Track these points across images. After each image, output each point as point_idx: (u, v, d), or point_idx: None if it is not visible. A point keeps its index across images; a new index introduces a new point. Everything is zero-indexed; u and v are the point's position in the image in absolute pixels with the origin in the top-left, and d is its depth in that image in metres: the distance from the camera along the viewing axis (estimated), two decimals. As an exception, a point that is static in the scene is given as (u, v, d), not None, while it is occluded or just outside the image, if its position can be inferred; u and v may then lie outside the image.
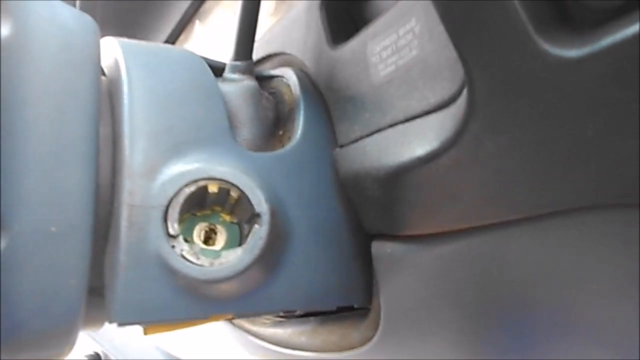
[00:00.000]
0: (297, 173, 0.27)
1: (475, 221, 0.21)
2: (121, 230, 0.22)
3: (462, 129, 0.18)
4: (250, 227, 0.24)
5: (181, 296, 0.22)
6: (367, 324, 0.31)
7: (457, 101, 0.19)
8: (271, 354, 0.40)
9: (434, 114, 0.20)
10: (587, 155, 0.15)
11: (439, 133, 0.20)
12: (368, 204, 0.26)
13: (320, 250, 0.27)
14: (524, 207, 0.19)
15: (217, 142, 0.25)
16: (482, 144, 0.18)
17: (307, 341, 0.36)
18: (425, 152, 0.20)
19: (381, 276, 0.27)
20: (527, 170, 0.17)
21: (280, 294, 0.25)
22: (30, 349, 0.20)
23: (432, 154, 0.20)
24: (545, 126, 0.16)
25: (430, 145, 0.20)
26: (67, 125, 0.21)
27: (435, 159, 0.20)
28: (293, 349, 0.37)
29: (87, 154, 0.21)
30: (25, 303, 0.19)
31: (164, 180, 0.23)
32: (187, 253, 0.22)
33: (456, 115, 0.19)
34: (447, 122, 0.19)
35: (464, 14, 0.16)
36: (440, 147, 0.20)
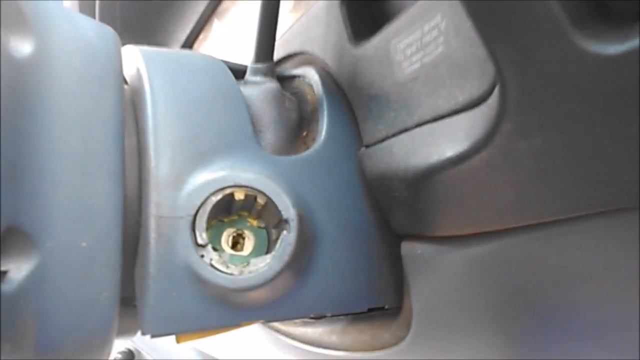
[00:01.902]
0: (323, 175, 0.26)
1: (507, 223, 0.20)
2: (150, 242, 0.22)
3: (494, 129, 0.18)
4: (279, 233, 0.24)
5: (212, 305, 0.22)
6: (399, 324, 0.30)
7: (488, 100, 0.18)
8: (302, 353, 0.40)
9: (463, 114, 0.20)
10: (628, 155, 0.15)
11: (469, 133, 0.19)
12: (396, 205, 0.25)
13: (348, 252, 0.26)
14: (559, 208, 0.18)
15: (241, 148, 0.24)
16: (515, 145, 0.17)
17: (338, 340, 0.36)
18: (455, 153, 0.20)
19: (412, 277, 0.27)
20: (563, 171, 0.17)
21: (310, 299, 0.25)
22: None
23: (463, 155, 0.19)
24: (584, 126, 0.15)
25: (460, 146, 0.19)
26: (93, 140, 0.21)
27: (466, 160, 0.19)
28: (324, 348, 0.37)
29: (114, 167, 0.21)
30: (59, 318, 0.20)
31: (191, 190, 0.22)
32: (217, 262, 0.22)
33: (487, 115, 0.18)
34: (478, 122, 0.19)
35: (495, 12, 0.15)
36: (470, 148, 0.19)
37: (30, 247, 0.19)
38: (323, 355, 0.37)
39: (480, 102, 0.19)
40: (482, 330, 0.26)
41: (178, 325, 0.22)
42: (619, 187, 0.16)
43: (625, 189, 0.15)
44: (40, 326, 0.19)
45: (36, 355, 0.19)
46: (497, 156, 0.18)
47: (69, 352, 0.20)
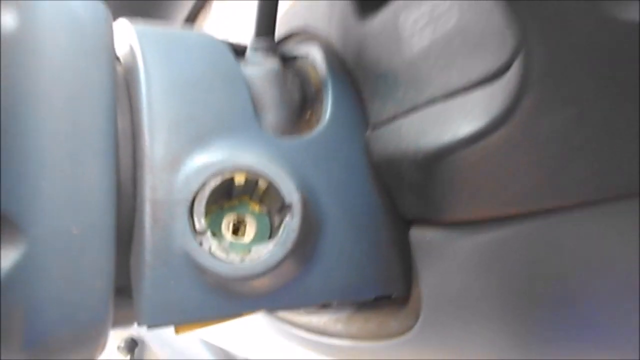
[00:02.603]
0: (327, 158, 0.25)
1: (525, 207, 0.19)
2: (145, 228, 0.20)
3: (514, 105, 0.16)
4: (281, 218, 0.23)
5: (211, 295, 0.21)
6: (407, 313, 0.29)
7: (507, 73, 0.17)
8: (306, 341, 0.39)
9: (479, 89, 0.18)
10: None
11: (485, 110, 0.18)
12: (405, 188, 0.24)
13: (355, 238, 0.25)
14: (584, 191, 0.17)
15: (242, 130, 0.23)
16: (538, 121, 0.16)
17: (343, 329, 0.35)
18: (470, 132, 0.18)
19: (421, 264, 0.26)
20: (590, 149, 0.15)
21: (315, 287, 0.24)
22: (59, 355, 0.19)
23: (479, 133, 0.18)
24: (614, 99, 0.14)
25: (476, 125, 0.18)
26: (83, 120, 0.19)
27: (482, 139, 0.18)
28: (329, 336, 0.36)
29: (106, 148, 0.20)
30: (50, 309, 0.18)
31: (188, 173, 0.21)
32: (216, 249, 0.21)
33: (506, 90, 0.17)
34: (496, 97, 0.17)
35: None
36: (487, 126, 0.18)
37: (17, 234, 0.18)
38: (328, 344, 0.36)
39: (498, 76, 0.17)
40: (494, 320, 0.25)
41: (176, 315, 0.21)
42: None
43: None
44: (29, 319, 0.18)
45: (25, 350, 0.18)
46: (517, 134, 0.17)
47: (61, 346, 0.19)
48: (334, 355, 0.38)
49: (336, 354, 0.38)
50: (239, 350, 0.64)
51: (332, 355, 0.38)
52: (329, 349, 0.37)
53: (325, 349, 0.38)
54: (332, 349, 0.37)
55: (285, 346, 0.43)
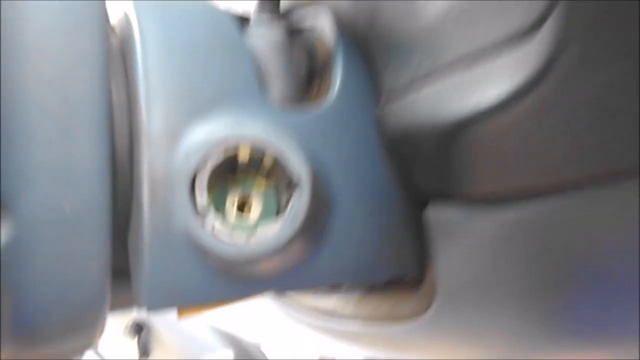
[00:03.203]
0: (337, 132, 0.23)
1: (558, 179, 0.17)
2: (143, 205, 0.19)
3: (549, 65, 0.15)
4: (289, 196, 0.21)
5: (215, 277, 0.20)
6: (421, 295, 0.28)
7: (541, 29, 0.15)
8: (315, 324, 0.38)
9: (507, 50, 0.17)
10: None
11: (515, 73, 0.16)
12: (421, 164, 0.22)
13: (367, 217, 0.24)
14: (628, 160, 0.15)
15: (245, 101, 0.21)
16: (575, 83, 0.14)
17: (354, 311, 0.34)
18: (497, 99, 0.17)
19: (437, 244, 0.24)
20: (635, 113, 0.14)
21: (325, 268, 0.22)
22: (53, 341, 0.18)
23: (507, 100, 0.16)
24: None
25: (503, 90, 0.16)
26: (73, 90, 0.18)
27: (511, 106, 0.16)
28: (338, 319, 0.35)
29: (98, 121, 0.18)
30: (42, 294, 0.17)
31: (188, 147, 0.20)
32: (219, 230, 0.20)
33: (540, 49, 0.15)
34: (527, 58, 0.15)
35: None
36: (517, 90, 0.16)
37: (4, 214, 0.16)
38: (337, 327, 0.35)
39: (529, 32, 0.16)
40: (517, 304, 0.23)
41: (177, 298, 0.19)
42: None
43: None
44: (19, 304, 0.17)
45: (16, 335, 0.17)
46: (551, 98, 0.15)
47: (55, 331, 0.18)
48: (343, 339, 0.37)
49: (346, 338, 0.37)
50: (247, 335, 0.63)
51: (342, 338, 0.37)
52: (338, 333, 0.36)
53: (335, 333, 0.37)
54: (341, 332, 0.36)
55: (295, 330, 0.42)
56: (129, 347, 1.11)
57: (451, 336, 0.29)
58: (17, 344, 0.18)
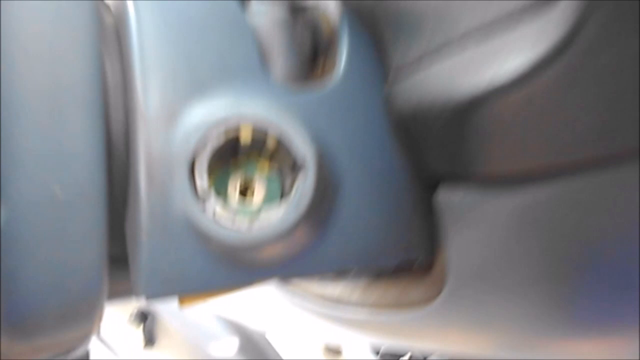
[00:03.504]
0: (343, 112, 0.22)
1: (580, 158, 0.16)
2: (140, 190, 0.18)
3: (571, 36, 0.14)
4: (293, 178, 0.20)
5: (217, 264, 0.19)
6: (431, 281, 0.27)
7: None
8: (320, 311, 0.37)
9: (525, 20, 0.16)
10: None
11: (535, 45, 0.15)
12: (432, 144, 0.21)
13: (375, 201, 0.23)
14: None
15: (247, 80, 0.20)
16: (601, 54, 0.13)
17: (360, 298, 0.33)
18: (514, 73, 0.16)
19: (449, 228, 0.23)
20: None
21: (331, 254, 0.21)
22: (49, 332, 0.17)
23: (526, 74, 0.15)
24: None
25: (522, 63, 0.15)
26: (63, 68, 0.17)
27: (530, 80, 0.15)
28: (344, 306, 0.34)
29: (91, 100, 0.17)
30: (36, 282, 0.16)
31: (187, 127, 0.19)
32: (221, 214, 0.19)
33: (561, 18, 0.14)
34: (547, 29, 0.14)
35: None
36: (537, 63, 0.15)
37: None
38: (343, 314, 0.34)
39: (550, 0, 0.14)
40: (531, 289, 0.22)
41: (176, 286, 0.18)
42: None
43: None
44: (11, 292, 0.16)
45: (8, 326, 0.16)
46: (575, 70, 0.14)
47: (49, 322, 0.17)
48: (349, 327, 0.37)
49: (352, 325, 0.36)
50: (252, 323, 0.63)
51: (348, 326, 0.37)
52: (344, 320, 0.35)
53: (341, 320, 0.36)
54: (347, 320, 0.35)
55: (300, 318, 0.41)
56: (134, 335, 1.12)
57: (461, 323, 0.28)
58: (11, 335, 0.17)
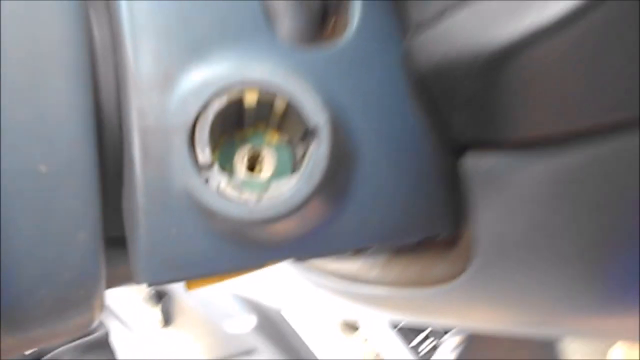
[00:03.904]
0: (358, 72, 0.20)
1: (626, 116, 0.14)
2: (135, 164, 0.16)
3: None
4: (305, 147, 0.18)
5: (223, 243, 0.17)
6: (455, 257, 0.25)
7: None
8: (337, 288, 0.35)
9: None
10: None
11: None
12: (458, 105, 0.19)
13: (395, 170, 0.21)
14: None
15: (250, 37, 0.18)
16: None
17: (379, 275, 0.31)
18: (559, 14, 0.13)
19: (476, 198, 0.21)
20: None
21: (349, 230, 0.20)
22: (43, 322, 0.16)
23: (572, 14, 0.13)
24: None
25: (567, 3, 0.13)
26: (41, 29, 0.15)
27: (577, 22, 0.13)
28: (362, 284, 0.33)
29: (75, 64, 0.15)
30: (24, 270, 0.15)
31: (184, 92, 0.17)
32: (226, 187, 0.17)
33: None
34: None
35: None
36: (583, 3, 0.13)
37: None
38: (361, 291, 0.33)
39: None
40: (566, 262, 0.20)
41: (180, 270, 0.17)
42: None
43: None
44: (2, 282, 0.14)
45: None
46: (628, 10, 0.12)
47: (42, 312, 0.15)
48: (368, 304, 0.35)
49: (370, 302, 0.34)
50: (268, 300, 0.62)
51: (366, 303, 0.35)
52: (362, 297, 0.34)
53: (359, 297, 0.34)
54: (366, 296, 0.33)
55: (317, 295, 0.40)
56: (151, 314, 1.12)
57: (488, 300, 0.26)
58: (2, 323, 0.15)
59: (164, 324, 1.12)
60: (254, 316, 1.03)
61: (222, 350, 1.15)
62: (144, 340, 1.14)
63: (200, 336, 1.14)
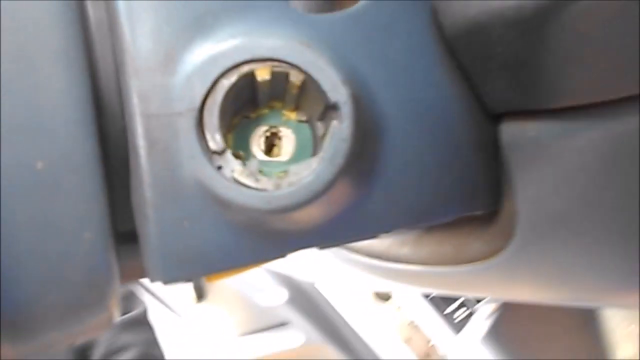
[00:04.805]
0: (381, 38, 0.18)
1: None
2: (140, 154, 0.15)
3: None
4: (326, 125, 0.16)
5: (241, 234, 0.16)
6: (494, 233, 0.23)
7: None
8: (367, 265, 0.34)
9: None
10: None
11: None
12: (496, 68, 0.17)
13: (426, 144, 0.19)
14: None
15: (259, 6, 0.16)
16: None
17: (411, 253, 0.30)
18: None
19: (518, 169, 0.19)
20: None
21: (377, 214, 0.18)
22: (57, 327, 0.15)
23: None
24: None
25: None
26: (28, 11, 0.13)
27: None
28: (393, 262, 0.31)
29: (66, 47, 0.14)
30: (29, 274, 0.14)
31: (189, 72, 0.15)
32: (241, 174, 0.15)
33: None
34: None
35: None
36: None
37: None
38: (393, 269, 0.31)
39: None
40: (613, 237, 0.19)
41: (196, 266, 0.15)
42: None
43: None
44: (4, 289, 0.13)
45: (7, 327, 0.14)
46: None
47: (55, 316, 0.14)
48: (398, 280, 0.34)
49: (403, 279, 0.33)
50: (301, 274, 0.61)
51: (399, 279, 0.34)
52: (394, 274, 0.32)
53: (391, 274, 0.33)
54: (398, 273, 0.32)
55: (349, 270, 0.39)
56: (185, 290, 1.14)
57: (530, 277, 0.25)
58: (11, 334, 0.14)
59: (198, 299, 1.14)
60: (286, 289, 1.03)
61: (256, 323, 1.16)
62: (179, 316, 1.17)
63: (233, 310, 1.16)
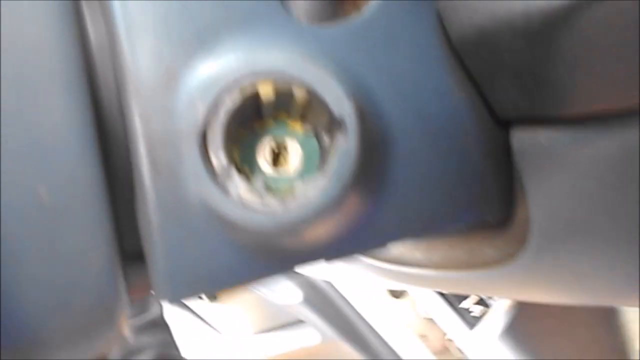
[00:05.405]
0: (386, 47, 0.18)
1: None
2: (144, 175, 0.15)
3: None
4: (332, 138, 0.16)
5: (248, 254, 0.15)
6: (508, 239, 0.23)
7: None
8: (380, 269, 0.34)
9: None
10: None
11: None
12: (506, 74, 0.16)
13: (435, 153, 0.18)
14: None
15: (260, 19, 0.16)
16: None
17: (423, 257, 0.30)
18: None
19: (530, 177, 0.19)
20: None
21: (387, 225, 0.18)
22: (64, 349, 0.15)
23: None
24: None
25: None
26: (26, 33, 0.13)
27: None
28: (405, 266, 0.31)
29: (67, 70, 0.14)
30: (34, 299, 0.14)
31: (191, 90, 0.15)
32: (246, 192, 0.15)
33: None
34: None
35: None
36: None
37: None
38: (405, 273, 0.31)
39: None
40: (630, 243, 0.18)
41: (204, 284, 0.15)
42: None
43: None
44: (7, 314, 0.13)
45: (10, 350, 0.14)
46: None
47: (61, 339, 0.14)
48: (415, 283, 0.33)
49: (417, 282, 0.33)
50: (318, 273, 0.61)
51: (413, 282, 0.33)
52: (408, 278, 0.32)
53: (404, 278, 0.33)
54: (411, 277, 0.31)
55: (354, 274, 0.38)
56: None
57: (545, 282, 0.24)
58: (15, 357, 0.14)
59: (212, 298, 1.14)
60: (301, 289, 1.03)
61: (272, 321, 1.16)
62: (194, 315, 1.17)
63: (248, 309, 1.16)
